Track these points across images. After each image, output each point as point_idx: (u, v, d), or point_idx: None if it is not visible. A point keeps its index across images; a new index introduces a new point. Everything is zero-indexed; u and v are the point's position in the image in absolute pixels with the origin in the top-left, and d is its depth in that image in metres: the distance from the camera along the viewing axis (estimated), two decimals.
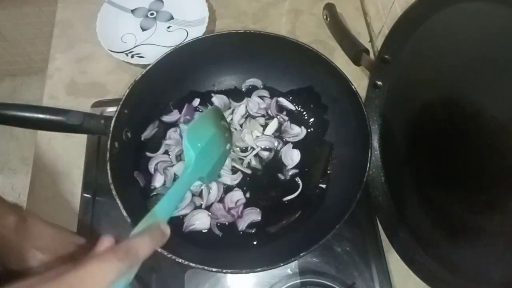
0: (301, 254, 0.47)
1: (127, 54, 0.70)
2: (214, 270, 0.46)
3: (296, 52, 0.59)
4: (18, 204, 0.41)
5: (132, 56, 0.70)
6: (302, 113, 0.65)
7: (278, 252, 0.52)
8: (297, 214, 0.58)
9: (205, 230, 0.56)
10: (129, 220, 0.47)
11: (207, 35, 0.62)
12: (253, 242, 0.56)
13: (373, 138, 0.58)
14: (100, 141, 0.66)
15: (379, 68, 0.58)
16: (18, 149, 1.48)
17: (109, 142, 0.50)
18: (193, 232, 0.56)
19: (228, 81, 0.67)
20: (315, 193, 0.59)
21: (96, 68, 0.74)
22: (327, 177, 0.60)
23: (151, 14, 0.76)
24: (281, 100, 0.65)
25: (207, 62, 0.63)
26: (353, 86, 0.55)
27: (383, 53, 0.56)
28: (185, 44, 0.59)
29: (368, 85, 0.62)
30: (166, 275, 0.56)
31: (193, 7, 0.75)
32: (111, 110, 0.65)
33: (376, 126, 0.60)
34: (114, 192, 0.48)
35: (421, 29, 0.49)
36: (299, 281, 0.55)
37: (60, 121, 0.50)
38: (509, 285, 0.36)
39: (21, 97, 1.54)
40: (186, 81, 0.64)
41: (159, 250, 0.43)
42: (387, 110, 0.59)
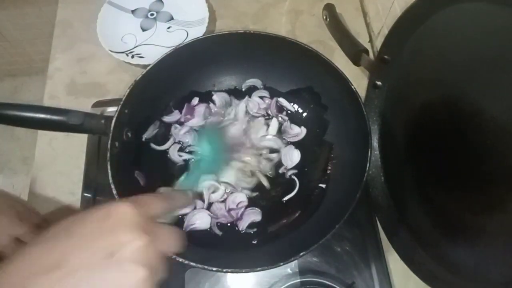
0: (301, 254, 0.47)
1: (127, 54, 0.70)
2: (214, 269, 0.46)
3: (296, 52, 0.59)
4: None
5: (133, 56, 0.70)
6: (302, 113, 0.65)
7: (278, 251, 0.52)
8: (297, 214, 0.58)
9: (205, 229, 0.57)
10: None
11: (207, 36, 0.62)
12: (253, 241, 0.56)
13: (372, 138, 0.58)
14: (100, 141, 0.66)
15: (378, 68, 0.58)
16: (19, 149, 1.48)
17: (109, 142, 0.50)
18: (193, 231, 0.56)
19: (228, 81, 0.67)
20: (314, 193, 0.59)
21: (97, 68, 0.74)
22: (327, 177, 0.60)
23: (151, 15, 0.76)
24: (281, 100, 0.65)
25: (207, 62, 0.63)
26: (352, 86, 0.55)
27: (383, 53, 0.56)
28: (185, 45, 0.59)
29: (368, 85, 0.62)
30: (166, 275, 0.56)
31: (193, 8, 0.75)
32: (112, 110, 0.65)
33: (376, 126, 0.60)
34: (115, 192, 0.48)
35: (420, 29, 0.49)
36: (299, 280, 0.55)
37: (60, 121, 0.50)
38: (509, 285, 0.36)
39: (22, 97, 1.54)
40: (186, 81, 0.64)
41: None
42: (387, 110, 0.59)
